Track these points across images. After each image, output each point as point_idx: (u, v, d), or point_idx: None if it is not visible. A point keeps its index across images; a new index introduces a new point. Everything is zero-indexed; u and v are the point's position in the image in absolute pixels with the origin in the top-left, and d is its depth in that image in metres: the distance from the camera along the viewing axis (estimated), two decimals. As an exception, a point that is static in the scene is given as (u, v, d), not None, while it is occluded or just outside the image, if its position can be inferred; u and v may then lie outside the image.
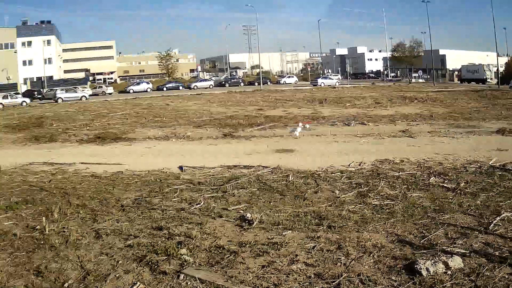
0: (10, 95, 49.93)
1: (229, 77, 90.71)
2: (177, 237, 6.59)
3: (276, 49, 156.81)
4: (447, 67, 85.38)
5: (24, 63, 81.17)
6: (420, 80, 78.87)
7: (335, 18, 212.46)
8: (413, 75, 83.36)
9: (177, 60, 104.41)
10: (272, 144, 15.85)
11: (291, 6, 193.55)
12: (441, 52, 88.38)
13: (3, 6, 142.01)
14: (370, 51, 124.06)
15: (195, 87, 66.63)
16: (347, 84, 66.69)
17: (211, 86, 67.85)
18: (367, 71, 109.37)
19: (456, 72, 78.11)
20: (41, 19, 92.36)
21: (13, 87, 68.84)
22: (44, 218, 7.51)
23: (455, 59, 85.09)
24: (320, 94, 42.90)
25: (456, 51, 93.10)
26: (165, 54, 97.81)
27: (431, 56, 72.10)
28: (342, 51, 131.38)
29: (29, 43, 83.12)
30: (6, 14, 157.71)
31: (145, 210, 8.17)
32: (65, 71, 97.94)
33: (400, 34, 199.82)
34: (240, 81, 78.86)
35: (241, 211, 7.79)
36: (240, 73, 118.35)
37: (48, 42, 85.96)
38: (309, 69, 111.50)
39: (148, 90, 64.53)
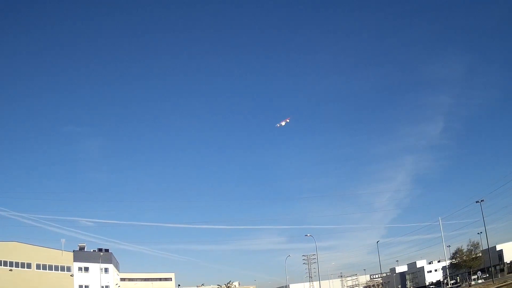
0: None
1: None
2: None
3: (336, 276, 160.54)
4: (505, 261, 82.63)
5: (81, 287, 79.54)
6: (480, 281, 76.55)
7: (392, 236, 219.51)
8: (473, 277, 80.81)
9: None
10: None
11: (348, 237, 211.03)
12: (498, 247, 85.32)
13: (60, 229, 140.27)
14: (430, 263, 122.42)
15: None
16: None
17: None
18: (427, 283, 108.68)
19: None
20: (99, 246, 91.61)
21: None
22: None
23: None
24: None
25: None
26: (226, 286, 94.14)
27: (488, 255, 72.37)
28: (402, 268, 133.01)
29: (86, 268, 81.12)
30: (63, 236, 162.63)
31: None
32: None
33: (457, 239, 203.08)
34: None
35: None
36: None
37: (106, 270, 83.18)
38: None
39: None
